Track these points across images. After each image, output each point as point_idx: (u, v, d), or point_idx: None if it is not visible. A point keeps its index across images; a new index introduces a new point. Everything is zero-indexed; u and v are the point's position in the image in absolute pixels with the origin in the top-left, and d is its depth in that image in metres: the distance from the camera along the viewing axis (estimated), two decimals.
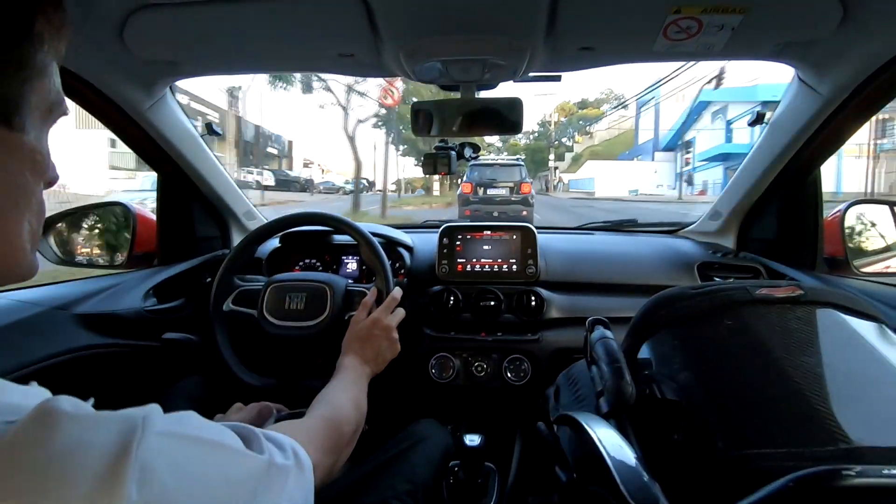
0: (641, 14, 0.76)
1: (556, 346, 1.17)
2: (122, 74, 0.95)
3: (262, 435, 0.41)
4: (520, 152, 38.09)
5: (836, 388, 0.45)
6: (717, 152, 21.76)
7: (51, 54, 0.35)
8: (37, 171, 0.36)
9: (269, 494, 0.36)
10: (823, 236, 1.16)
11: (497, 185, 9.19)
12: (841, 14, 0.74)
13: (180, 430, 0.33)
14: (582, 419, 0.53)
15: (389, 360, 0.86)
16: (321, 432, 0.59)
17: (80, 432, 0.28)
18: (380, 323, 0.86)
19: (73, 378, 0.92)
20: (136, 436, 0.29)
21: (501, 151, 36.59)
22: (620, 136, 46.63)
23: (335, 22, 0.79)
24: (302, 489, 0.41)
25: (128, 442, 0.28)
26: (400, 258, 1.29)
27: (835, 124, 1.00)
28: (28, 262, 0.37)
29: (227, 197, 1.37)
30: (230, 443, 0.36)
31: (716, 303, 0.55)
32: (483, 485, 1.09)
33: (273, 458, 0.39)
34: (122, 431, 0.29)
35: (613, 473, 0.42)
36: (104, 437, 0.28)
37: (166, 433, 0.31)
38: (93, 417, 0.29)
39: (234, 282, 1.06)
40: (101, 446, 0.27)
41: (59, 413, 0.28)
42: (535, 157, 38.72)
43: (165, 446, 0.30)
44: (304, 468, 0.43)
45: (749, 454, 0.42)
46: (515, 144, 41.30)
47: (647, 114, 35.40)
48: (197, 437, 0.33)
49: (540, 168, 38.81)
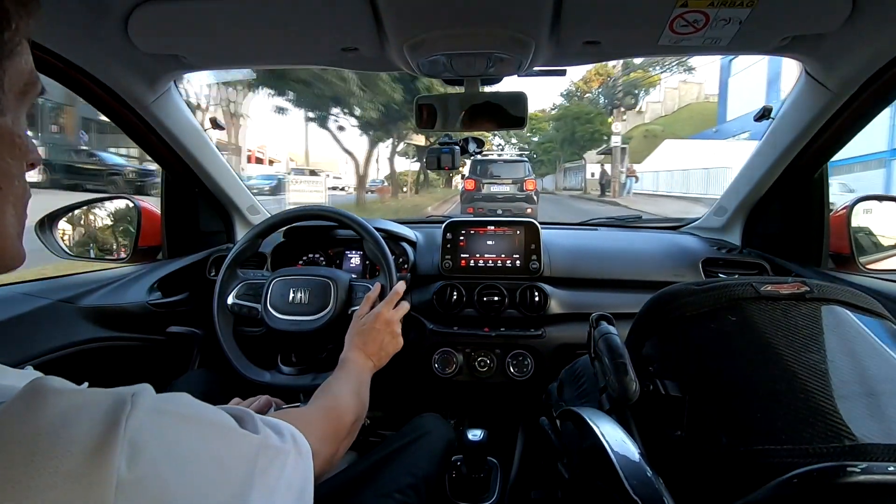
0: (648, 8, 0.76)
1: (560, 341, 1.17)
2: (127, 68, 0.95)
3: (259, 419, 0.40)
4: (533, 145, 33.86)
5: (841, 384, 0.44)
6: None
7: (20, 32, 0.34)
8: (17, 154, 0.35)
9: (267, 477, 0.36)
10: (829, 232, 1.15)
11: (501, 182, 9.00)
12: (850, 8, 0.73)
13: (171, 408, 0.32)
14: (585, 414, 0.54)
15: (392, 354, 0.86)
16: (321, 421, 0.58)
17: (67, 408, 0.27)
18: (383, 317, 0.86)
19: (77, 370, 0.93)
20: (126, 411, 0.28)
21: (508, 146, 33.14)
22: (683, 111, 34.53)
23: (339, 16, 0.79)
24: (300, 474, 0.41)
25: (116, 417, 0.27)
26: (403, 253, 1.29)
27: (842, 120, 0.99)
28: (14, 250, 0.36)
29: (231, 191, 1.37)
30: (224, 421, 0.35)
31: (720, 299, 0.55)
32: (485, 479, 1.10)
33: (268, 440, 0.38)
34: (111, 407, 0.28)
35: (617, 469, 0.42)
36: (93, 412, 0.28)
37: (156, 409, 0.30)
38: (81, 393, 0.29)
39: (238, 276, 1.06)
40: (90, 421, 0.27)
41: (46, 389, 0.28)
42: (567, 141, 27.02)
43: (156, 423, 0.29)
44: (302, 454, 0.42)
45: (753, 450, 0.42)
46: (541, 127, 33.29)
47: (738, 77, 23.33)
48: (188, 415, 0.33)
49: (574, 153, 27.54)
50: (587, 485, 0.53)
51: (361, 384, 0.75)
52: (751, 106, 17.62)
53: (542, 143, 33.31)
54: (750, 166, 1.25)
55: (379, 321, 0.86)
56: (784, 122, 1.10)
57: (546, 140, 32.84)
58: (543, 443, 0.73)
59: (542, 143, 33.56)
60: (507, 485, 1.11)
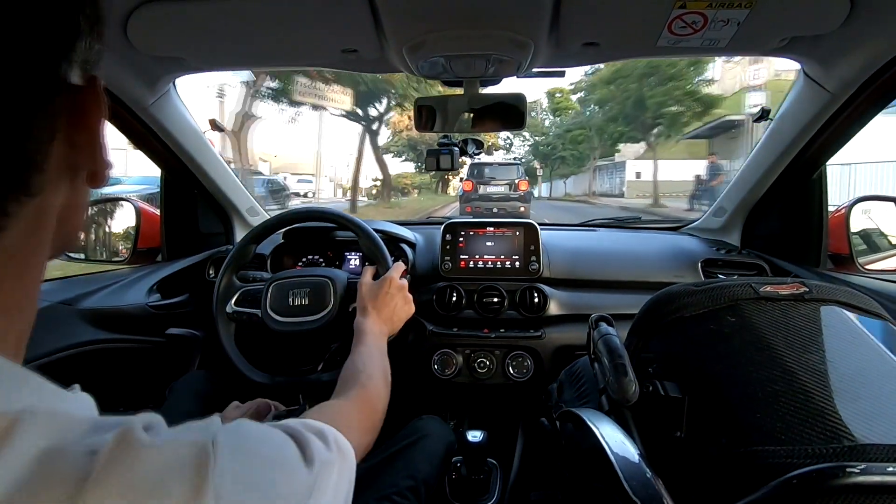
0: (646, 9, 0.76)
1: (559, 342, 1.17)
2: (126, 70, 0.95)
3: (309, 429, 0.40)
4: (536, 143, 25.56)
5: (841, 385, 0.44)
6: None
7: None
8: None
9: (318, 495, 0.36)
10: (828, 233, 1.15)
11: (496, 183, 9.95)
12: (848, 9, 0.73)
13: (245, 445, 0.32)
14: (585, 415, 0.54)
15: (405, 320, 0.86)
16: (357, 415, 0.58)
17: (159, 468, 0.27)
18: (395, 282, 0.86)
19: (77, 373, 0.93)
20: (210, 464, 0.28)
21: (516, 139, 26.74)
22: None
23: (339, 18, 0.79)
24: (346, 478, 0.41)
25: (204, 474, 0.27)
26: (403, 254, 1.29)
27: (841, 120, 0.99)
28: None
29: (230, 193, 1.37)
30: (289, 456, 0.35)
31: (719, 300, 0.55)
32: (485, 481, 1.10)
33: (321, 457, 0.38)
34: (197, 461, 0.28)
35: (617, 470, 0.42)
36: (183, 470, 0.27)
37: (232, 451, 0.30)
38: (168, 447, 0.28)
39: (236, 283, 1.06)
40: (181, 481, 0.27)
41: (138, 443, 0.27)
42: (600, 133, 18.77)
43: (233, 466, 0.29)
44: (346, 457, 0.42)
45: (752, 451, 0.42)
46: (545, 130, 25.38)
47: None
48: (260, 454, 0.33)
49: (608, 151, 20.52)
50: (587, 486, 0.53)
51: (384, 359, 0.74)
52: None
53: (570, 132, 22.59)
54: (749, 167, 1.25)
55: (391, 285, 0.86)
56: (783, 124, 1.10)
57: (575, 126, 22.34)
58: (543, 444, 0.73)
59: (568, 132, 22.78)
60: (507, 486, 1.11)
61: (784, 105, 1.09)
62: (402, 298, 0.86)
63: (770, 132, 1.15)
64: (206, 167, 1.26)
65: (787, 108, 1.08)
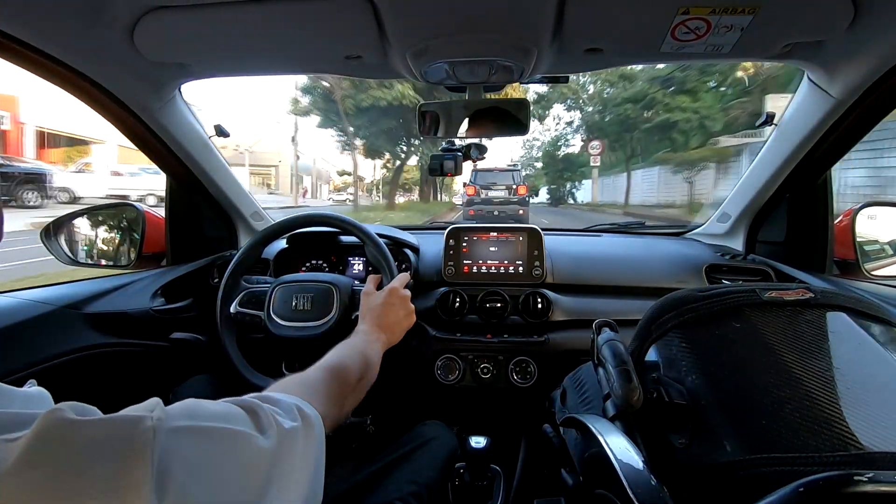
0: (649, 15, 0.76)
1: (563, 348, 1.16)
2: (133, 76, 0.96)
3: (266, 401, 0.40)
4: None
5: (847, 392, 0.44)
6: None
7: None
8: None
9: (284, 464, 0.35)
10: (834, 238, 1.15)
11: (496, 188, 10.74)
12: (852, 14, 0.73)
13: (190, 423, 0.31)
14: (589, 422, 0.53)
15: (406, 329, 0.86)
16: (325, 382, 0.58)
17: (88, 442, 0.26)
18: (397, 292, 0.86)
19: (81, 377, 0.93)
20: (149, 439, 0.27)
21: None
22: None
23: (343, 24, 0.80)
24: (313, 446, 0.41)
25: (142, 449, 0.27)
26: (406, 259, 1.29)
27: (845, 126, 0.98)
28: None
29: (235, 198, 1.38)
30: (241, 428, 0.35)
31: (724, 306, 0.55)
32: (488, 487, 1.09)
33: (281, 427, 0.38)
34: (134, 437, 0.27)
35: (621, 477, 0.42)
36: (116, 444, 0.27)
37: (176, 429, 0.30)
38: (101, 423, 0.28)
39: (241, 284, 1.07)
40: (114, 456, 0.26)
41: (64, 423, 0.27)
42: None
43: (178, 444, 0.29)
44: (312, 425, 0.42)
45: (758, 458, 0.42)
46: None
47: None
48: (207, 428, 0.32)
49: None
50: (591, 493, 0.52)
51: (368, 346, 0.74)
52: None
53: (622, 104, 15.15)
54: (753, 172, 1.24)
55: (394, 295, 0.86)
56: (787, 129, 1.10)
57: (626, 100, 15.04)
58: (547, 450, 0.73)
59: (621, 103, 15.17)
60: (511, 492, 1.10)
61: (788, 110, 1.08)
62: (403, 309, 0.86)
63: (774, 137, 1.14)
64: (211, 172, 1.26)
65: (791, 114, 1.08)
